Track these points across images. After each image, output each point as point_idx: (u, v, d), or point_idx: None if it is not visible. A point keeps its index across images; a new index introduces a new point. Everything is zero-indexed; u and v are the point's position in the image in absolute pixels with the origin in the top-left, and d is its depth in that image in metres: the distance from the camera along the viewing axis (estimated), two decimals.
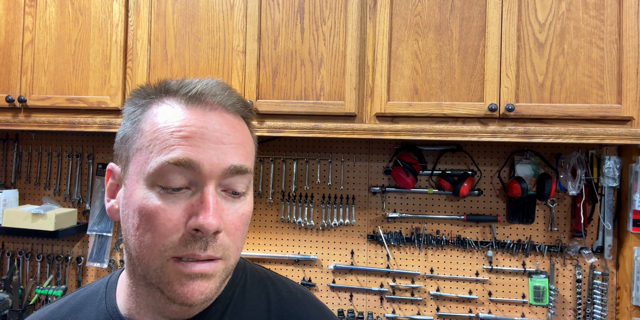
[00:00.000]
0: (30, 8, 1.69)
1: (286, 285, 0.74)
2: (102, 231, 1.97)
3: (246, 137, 0.62)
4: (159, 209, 0.55)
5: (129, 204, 0.58)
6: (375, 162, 1.85)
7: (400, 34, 1.49)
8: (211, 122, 0.58)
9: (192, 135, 0.56)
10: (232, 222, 0.58)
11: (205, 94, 0.59)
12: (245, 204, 0.60)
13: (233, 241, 0.58)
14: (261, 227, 1.91)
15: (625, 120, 1.38)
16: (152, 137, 0.57)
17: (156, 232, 0.55)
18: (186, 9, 1.59)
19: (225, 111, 0.60)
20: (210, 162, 0.56)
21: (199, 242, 0.55)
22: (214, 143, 0.57)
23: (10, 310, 1.80)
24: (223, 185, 0.58)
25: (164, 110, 0.59)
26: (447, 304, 1.78)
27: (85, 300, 0.70)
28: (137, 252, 0.57)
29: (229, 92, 0.61)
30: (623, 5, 1.38)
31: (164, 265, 0.55)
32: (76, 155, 2.03)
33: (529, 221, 1.72)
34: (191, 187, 0.56)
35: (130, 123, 0.61)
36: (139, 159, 0.57)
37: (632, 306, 1.56)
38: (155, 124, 0.58)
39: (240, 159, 0.59)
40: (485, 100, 1.43)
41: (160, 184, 0.55)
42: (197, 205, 0.55)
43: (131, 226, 0.57)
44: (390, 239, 1.81)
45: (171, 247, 0.55)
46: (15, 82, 1.69)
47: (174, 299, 0.56)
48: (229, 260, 0.59)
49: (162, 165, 0.55)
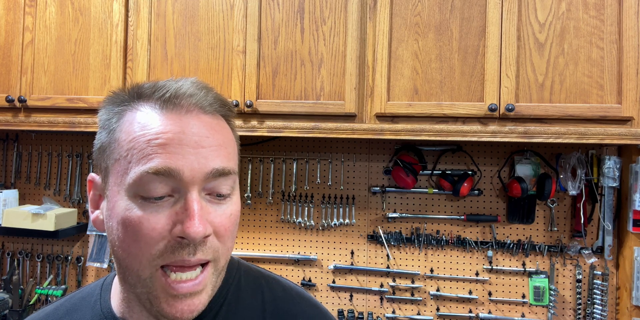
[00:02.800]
0: (30, 8, 1.69)
1: (281, 284, 0.74)
2: (102, 231, 1.96)
3: (226, 138, 0.61)
4: (142, 219, 0.54)
5: (112, 215, 0.57)
6: (375, 162, 1.85)
7: (400, 34, 1.49)
8: (188, 126, 0.56)
9: (170, 142, 0.54)
10: (221, 224, 0.57)
11: (179, 96, 0.57)
12: (232, 204, 0.60)
13: (223, 242, 0.58)
14: (261, 227, 1.91)
15: (625, 120, 1.38)
16: (128, 146, 0.56)
17: (142, 242, 0.54)
18: (186, 9, 1.59)
19: (203, 112, 0.59)
20: (190, 168, 0.54)
21: (187, 248, 0.54)
22: (193, 148, 0.55)
23: (10, 310, 1.80)
24: (207, 189, 0.57)
25: (139, 117, 0.57)
26: (447, 304, 1.78)
27: (80, 302, 0.70)
28: (126, 262, 0.56)
29: (205, 92, 0.59)
30: (623, 5, 1.38)
31: (153, 276, 0.55)
32: (76, 155, 2.03)
33: (529, 221, 1.72)
34: (174, 195, 0.55)
35: (106, 133, 0.60)
36: (118, 169, 0.56)
37: (632, 306, 1.56)
38: (131, 133, 0.56)
39: (222, 160, 0.57)
40: (485, 100, 1.43)
41: (142, 194, 0.54)
42: (182, 212, 0.54)
43: (117, 238, 0.56)
44: (390, 239, 1.81)
45: (159, 256, 0.54)
46: (15, 82, 1.69)
47: (163, 314, 0.56)
48: (218, 262, 0.58)
49: (141, 175, 0.54)
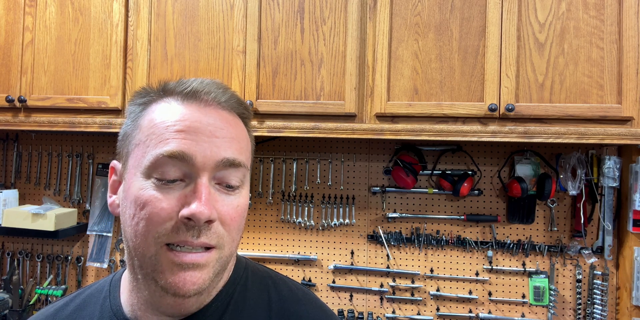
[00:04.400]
0: (30, 8, 1.69)
1: (287, 285, 0.74)
2: (102, 231, 1.97)
3: (240, 133, 0.64)
4: (154, 198, 0.57)
5: (127, 196, 0.60)
6: (375, 162, 1.85)
7: (400, 34, 1.49)
8: (205, 117, 0.60)
9: (187, 129, 0.58)
10: (227, 213, 0.59)
11: (200, 91, 0.62)
12: (240, 197, 0.62)
13: (228, 231, 0.60)
14: (261, 227, 1.91)
15: (625, 120, 1.38)
16: (149, 132, 0.60)
17: (150, 220, 0.56)
18: (186, 9, 1.59)
19: (220, 107, 0.63)
20: (203, 154, 0.57)
21: (192, 230, 0.56)
22: (207, 136, 0.59)
23: (10, 310, 1.80)
24: (217, 178, 0.59)
25: (161, 107, 0.62)
26: (447, 304, 1.78)
27: (89, 298, 0.71)
28: (133, 242, 0.58)
29: (223, 90, 0.64)
30: (623, 5, 1.38)
31: (158, 253, 0.57)
32: (76, 155, 2.03)
33: (529, 221, 1.72)
34: (185, 179, 0.58)
35: (130, 121, 0.64)
36: (137, 153, 0.60)
37: (632, 306, 1.56)
38: (153, 120, 0.61)
39: (234, 152, 0.60)
40: (485, 100, 1.43)
41: (156, 175, 0.57)
42: (190, 195, 0.57)
43: (128, 217, 0.59)
44: (390, 239, 1.81)
45: (164, 234, 0.56)
46: (15, 82, 1.69)
47: (166, 288, 0.57)
48: (223, 250, 0.60)
49: (157, 157, 0.57)
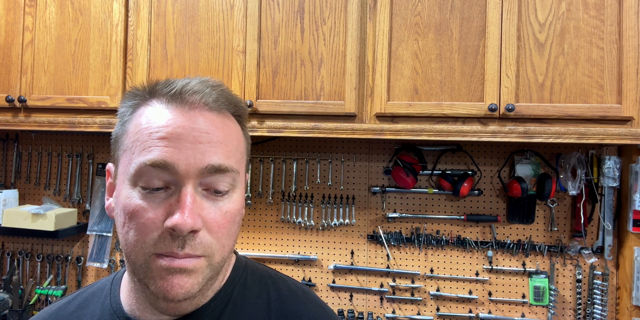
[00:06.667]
0: (30, 8, 1.69)
1: (287, 284, 0.74)
2: (102, 231, 1.97)
3: (229, 135, 0.61)
4: (140, 208, 0.56)
5: (118, 203, 0.60)
6: (375, 162, 1.85)
7: (400, 34, 1.49)
8: (189, 122, 0.58)
9: (169, 136, 0.57)
10: (214, 220, 0.58)
11: (184, 93, 0.59)
12: (230, 202, 0.60)
13: (216, 239, 0.59)
14: (261, 227, 1.91)
15: (625, 120, 1.38)
16: (134, 138, 0.59)
17: (138, 229, 0.56)
18: (186, 9, 1.59)
19: (207, 109, 0.60)
20: (186, 162, 0.56)
21: (177, 240, 0.55)
22: (191, 143, 0.57)
23: (10, 310, 1.80)
24: (204, 184, 0.58)
25: (147, 111, 0.60)
26: (447, 304, 1.78)
27: (91, 297, 0.71)
28: (125, 250, 0.59)
29: (210, 89, 0.61)
30: (623, 5, 1.38)
31: (147, 261, 0.57)
32: (76, 155, 2.03)
33: (529, 221, 1.72)
34: (170, 187, 0.57)
35: (120, 124, 0.63)
36: (125, 159, 0.60)
37: (632, 306, 1.56)
38: (138, 125, 0.60)
39: (220, 157, 0.58)
40: (485, 100, 1.43)
41: (141, 184, 0.57)
42: (174, 204, 0.56)
43: (119, 224, 0.59)
44: (390, 239, 1.81)
45: (152, 244, 0.56)
46: (15, 82, 1.69)
47: (156, 293, 0.57)
48: (212, 258, 0.59)
49: (140, 166, 0.56)
